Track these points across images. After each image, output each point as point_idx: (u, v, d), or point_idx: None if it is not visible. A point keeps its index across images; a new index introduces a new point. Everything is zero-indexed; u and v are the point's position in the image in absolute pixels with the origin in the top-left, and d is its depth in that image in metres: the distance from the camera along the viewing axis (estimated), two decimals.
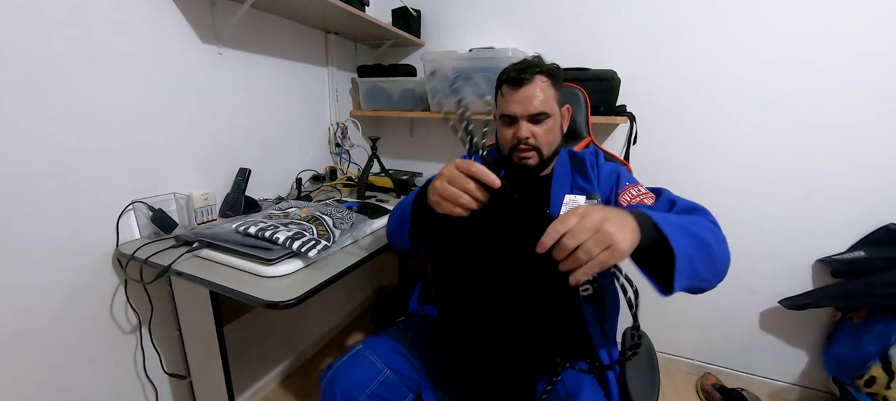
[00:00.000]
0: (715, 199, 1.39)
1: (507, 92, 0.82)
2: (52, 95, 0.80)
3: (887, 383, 1.11)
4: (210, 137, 1.14)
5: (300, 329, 1.59)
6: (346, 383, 0.74)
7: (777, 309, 1.37)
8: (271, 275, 0.78)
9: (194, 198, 1.04)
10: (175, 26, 1.01)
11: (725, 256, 0.64)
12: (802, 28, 1.18)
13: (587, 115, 1.15)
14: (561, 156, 0.88)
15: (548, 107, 0.80)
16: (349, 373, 0.76)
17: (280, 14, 1.30)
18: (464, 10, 1.60)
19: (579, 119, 1.13)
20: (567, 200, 0.80)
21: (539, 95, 0.79)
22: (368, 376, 0.76)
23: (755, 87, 1.26)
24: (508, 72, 0.82)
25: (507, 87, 0.82)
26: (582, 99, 1.14)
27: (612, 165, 0.85)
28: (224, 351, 0.91)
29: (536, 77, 0.80)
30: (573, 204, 0.79)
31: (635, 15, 1.35)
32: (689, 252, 0.53)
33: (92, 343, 0.93)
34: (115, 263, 0.94)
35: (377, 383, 0.76)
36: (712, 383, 1.44)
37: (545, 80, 0.81)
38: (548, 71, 0.82)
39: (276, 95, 1.35)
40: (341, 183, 1.55)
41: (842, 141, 1.21)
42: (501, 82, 0.84)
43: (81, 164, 0.86)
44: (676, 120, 1.38)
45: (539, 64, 0.82)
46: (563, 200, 0.80)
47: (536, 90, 0.79)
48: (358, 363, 0.78)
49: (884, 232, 1.20)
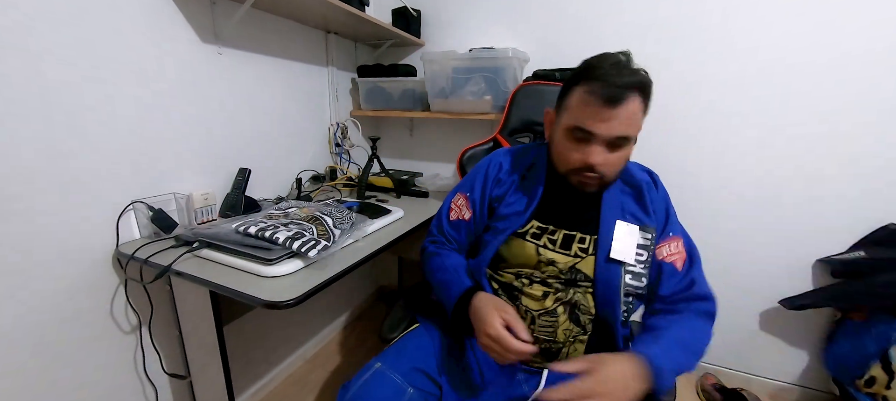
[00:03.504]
0: (715, 199, 1.39)
1: (594, 103, 0.65)
2: (52, 95, 0.80)
3: (887, 383, 1.11)
4: (210, 137, 1.14)
5: (300, 329, 1.59)
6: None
7: (777, 309, 1.37)
8: (271, 275, 0.78)
9: (194, 198, 1.04)
10: (175, 26, 1.01)
11: (706, 349, 0.71)
12: (802, 28, 1.18)
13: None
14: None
15: (634, 131, 0.68)
16: (372, 394, 0.69)
17: (280, 14, 1.30)
18: (464, 10, 1.60)
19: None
20: (619, 228, 0.75)
21: (629, 120, 0.65)
22: (392, 396, 0.70)
23: (755, 87, 1.26)
24: (604, 76, 0.65)
25: (596, 98, 0.65)
26: None
27: (665, 195, 0.82)
28: (224, 351, 0.91)
29: (633, 97, 0.65)
30: (628, 234, 0.75)
31: (635, 15, 1.35)
32: (676, 375, 0.64)
33: (92, 343, 0.93)
34: (115, 263, 0.94)
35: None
36: (712, 383, 1.44)
37: (641, 101, 0.66)
38: (645, 89, 0.66)
39: (276, 95, 1.35)
40: (341, 183, 1.55)
41: (842, 141, 1.21)
42: (587, 82, 0.67)
43: (81, 164, 0.86)
44: (676, 120, 1.37)
45: (640, 78, 0.65)
46: (613, 228, 0.75)
47: (629, 113, 0.65)
48: (380, 383, 0.71)
49: (884, 232, 1.20)
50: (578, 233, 0.77)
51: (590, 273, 0.75)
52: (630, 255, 0.74)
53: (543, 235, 0.78)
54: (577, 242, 0.77)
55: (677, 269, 0.75)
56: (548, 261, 0.76)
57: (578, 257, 0.76)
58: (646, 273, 0.75)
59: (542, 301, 0.75)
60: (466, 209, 0.87)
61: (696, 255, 0.78)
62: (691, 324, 0.71)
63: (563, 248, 0.77)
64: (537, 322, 0.75)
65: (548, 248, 0.77)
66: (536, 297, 0.75)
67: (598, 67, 0.67)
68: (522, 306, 0.76)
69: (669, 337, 0.68)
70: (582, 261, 0.76)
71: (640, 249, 0.75)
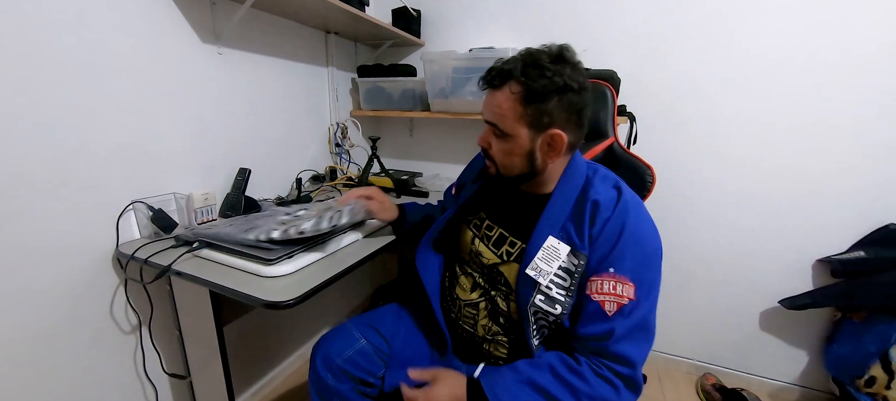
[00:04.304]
0: (715, 199, 1.39)
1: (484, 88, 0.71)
2: (52, 95, 0.80)
3: (887, 383, 1.11)
4: (210, 137, 1.13)
5: (300, 329, 1.59)
6: (327, 349, 0.84)
7: (777, 309, 1.37)
8: (271, 275, 0.78)
9: (194, 198, 1.04)
10: (175, 26, 1.01)
11: None
12: (802, 28, 1.18)
13: (613, 113, 1.08)
14: (573, 177, 0.72)
15: (504, 124, 0.66)
16: (331, 340, 0.86)
17: (280, 14, 1.30)
18: (464, 10, 1.60)
19: (604, 117, 1.08)
20: (548, 244, 0.69)
21: (494, 108, 0.67)
22: (346, 343, 0.85)
23: (755, 87, 1.26)
24: (491, 67, 0.69)
25: (483, 83, 0.70)
26: (609, 96, 1.07)
27: (621, 224, 0.65)
28: (224, 351, 0.91)
29: (506, 85, 0.65)
30: (554, 253, 0.68)
31: (635, 14, 1.35)
32: None
33: (92, 343, 0.93)
34: (115, 263, 0.94)
35: (354, 350, 0.84)
36: (712, 383, 1.44)
37: (516, 92, 0.64)
38: (526, 85, 0.63)
39: (276, 95, 1.35)
40: (341, 183, 1.55)
41: (842, 140, 1.21)
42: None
43: (81, 164, 0.86)
44: (676, 120, 1.38)
45: (523, 73, 0.63)
46: (543, 242, 0.69)
47: (501, 100, 0.66)
48: (339, 333, 0.87)
49: (884, 232, 1.20)
50: (512, 236, 0.77)
51: (511, 281, 0.74)
52: (547, 275, 0.68)
53: (482, 226, 0.82)
54: (507, 244, 0.77)
55: (605, 312, 0.63)
56: (476, 252, 0.81)
57: (503, 260, 0.76)
58: (563, 301, 0.68)
59: (469, 293, 0.82)
60: (454, 191, 0.98)
61: (642, 309, 0.63)
62: (573, 381, 0.62)
63: (495, 246, 0.78)
64: (462, 312, 0.82)
65: (481, 241, 0.81)
66: (466, 287, 0.82)
67: (494, 63, 0.69)
68: (455, 293, 0.84)
69: (531, 377, 0.64)
70: (505, 264, 0.76)
71: (564, 273, 0.68)
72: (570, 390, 0.62)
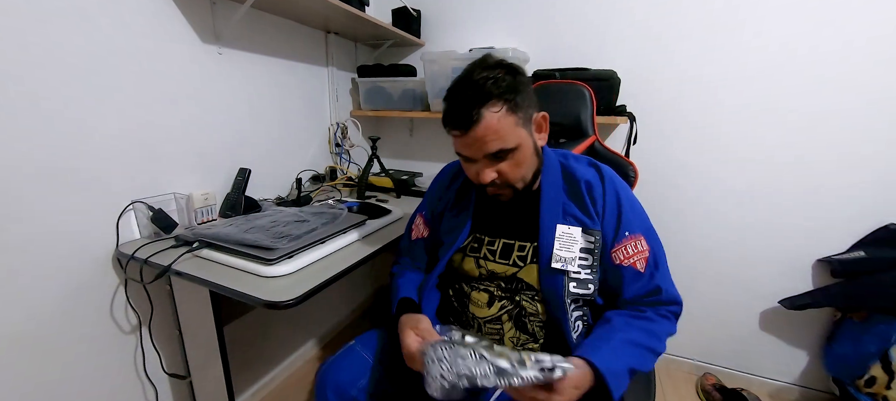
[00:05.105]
0: (715, 199, 1.39)
1: (452, 133, 0.66)
2: (52, 95, 0.80)
3: (887, 383, 1.11)
4: (210, 137, 1.14)
5: (300, 329, 1.59)
6: (338, 377, 0.75)
7: (777, 309, 1.37)
8: (271, 275, 0.78)
9: (194, 198, 1.04)
10: (175, 26, 1.01)
11: (663, 349, 0.70)
12: (803, 27, 1.18)
13: (593, 113, 1.13)
14: (551, 166, 0.75)
15: (508, 142, 0.64)
16: (341, 367, 0.77)
17: (280, 14, 1.30)
18: (464, 10, 1.60)
19: (585, 117, 1.12)
20: (560, 233, 0.70)
21: (492, 136, 0.63)
22: (360, 370, 0.77)
23: (755, 87, 1.26)
24: (449, 103, 0.65)
25: (450, 128, 0.66)
26: (588, 96, 1.12)
27: (614, 192, 0.72)
28: (224, 351, 0.91)
29: (485, 113, 0.61)
30: (570, 239, 0.70)
31: (635, 14, 1.35)
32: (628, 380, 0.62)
33: (92, 343, 0.93)
34: (115, 263, 0.94)
35: (367, 378, 0.77)
36: (712, 383, 1.44)
37: (498, 109, 0.62)
38: (501, 95, 0.62)
39: (276, 95, 1.35)
40: (341, 183, 1.55)
41: (842, 140, 1.21)
42: (445, 122, 0.67)
43: (81, 164, 0.86)
44: (676, 119, 1.38)
45: (488, 90, 0.62)
46: (555, 232, 0.70)
47: (488, 130, 0.62)
48: (350, 358, 0.79)
49: (884, 232, 1.20)
50: (517, 241, 0.74)
51: (534, 282, 0.72)
52: (572, 262, 0.69)
53: (482, 247, 0.77)
54: (516, 250, 0.74)
55: (639, 271, 0.69)
56: (488, 272, 0.75)
57: (518, 266, 0.73)
58: (593, 279, 0.70)
59: (487, 309, 0.75)
60: (424, 227, 0.89)
61: (660, 254, 0.72)
62: (648, 326, 0.68)
63: (503, 258, 0.75)
64: (484, 330, 0.75)
65: (488, 259, 0.76)
66: (482, 304, 0.75)
67: (449, 93, 0.66)
68: (470, 312, 0.76)
69: (621, 339, 0.65)
70: (523, 269, 0.73)
71: (585, 254, 0.70)
72: (650, 334, 0.68)
